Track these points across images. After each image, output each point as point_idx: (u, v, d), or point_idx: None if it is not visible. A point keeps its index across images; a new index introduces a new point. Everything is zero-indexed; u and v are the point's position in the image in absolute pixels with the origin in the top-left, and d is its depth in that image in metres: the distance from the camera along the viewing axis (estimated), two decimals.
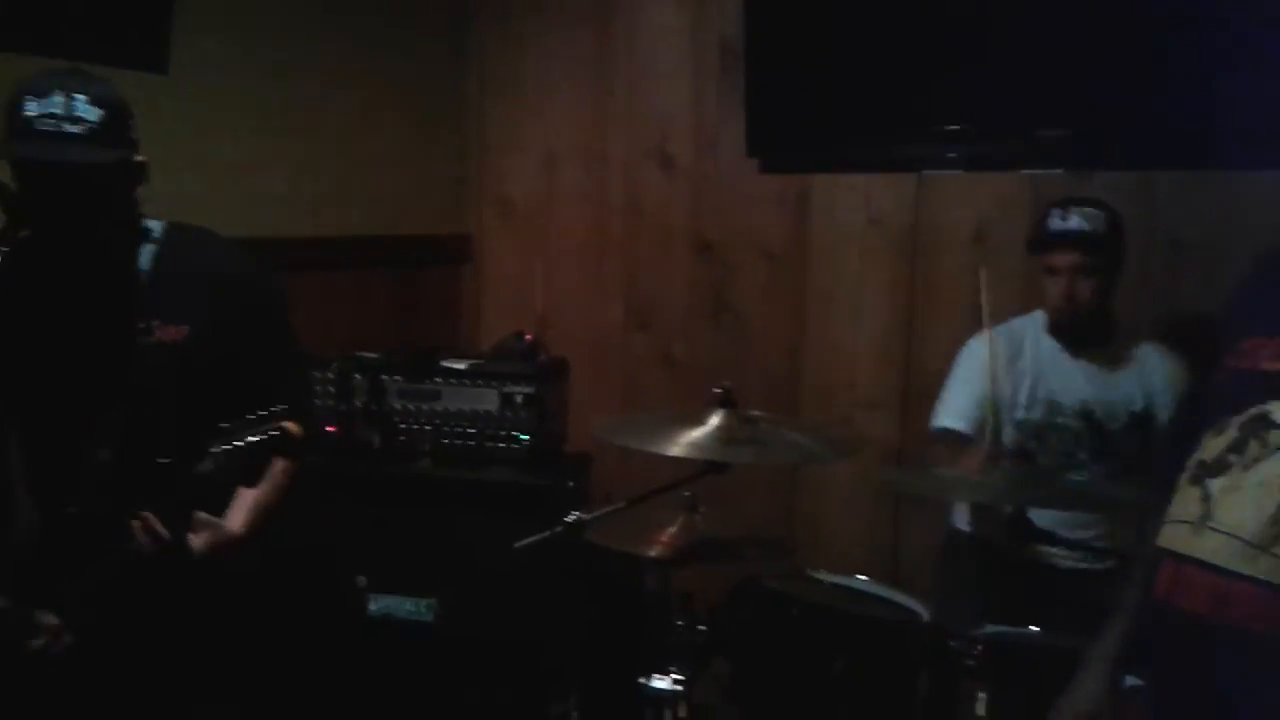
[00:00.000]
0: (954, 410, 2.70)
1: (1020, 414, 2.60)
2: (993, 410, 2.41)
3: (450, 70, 3.85)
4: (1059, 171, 2.96)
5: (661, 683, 2.22)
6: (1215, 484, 1.21)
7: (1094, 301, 2.54)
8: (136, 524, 1.76)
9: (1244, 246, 1.46)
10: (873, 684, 2.10)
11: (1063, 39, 2.79)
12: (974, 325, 3.01)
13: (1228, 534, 1.17)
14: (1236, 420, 1.22)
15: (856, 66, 3.15)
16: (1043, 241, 2.59)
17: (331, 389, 3.08)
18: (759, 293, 3.46)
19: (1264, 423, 1.19)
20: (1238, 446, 1.20)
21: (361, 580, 3.00)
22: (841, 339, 3.33)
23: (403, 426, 3.09)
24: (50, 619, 1.77)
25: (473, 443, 3.07)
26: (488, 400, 3.08)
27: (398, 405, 3.10)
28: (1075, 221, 2.53)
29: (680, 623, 2.29)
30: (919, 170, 3.18)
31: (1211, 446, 1.24)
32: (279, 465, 1.95)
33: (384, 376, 3.11)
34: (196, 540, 1.83)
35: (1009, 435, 2.47)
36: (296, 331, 2.11)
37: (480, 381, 3.08)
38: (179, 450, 1.78)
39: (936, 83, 3.02)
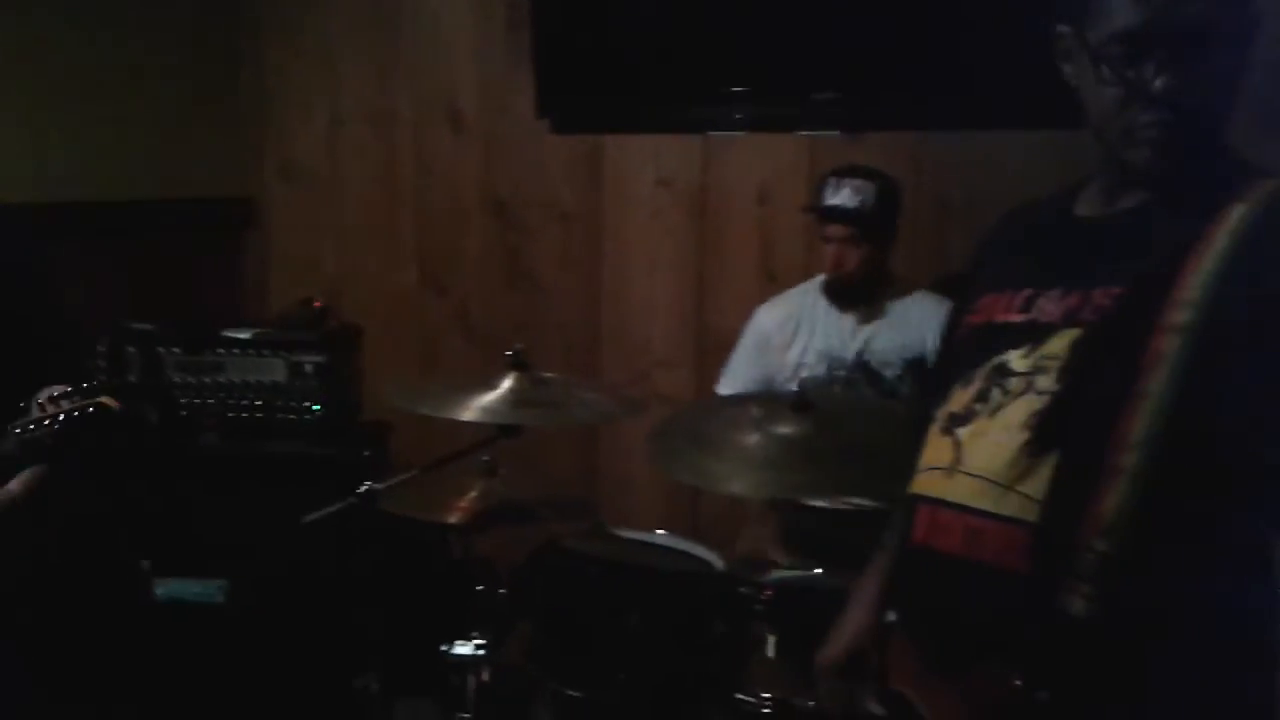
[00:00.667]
0: (735, 380, 2.86)
1: (804, 371, 2.72)
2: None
3: (225, 24, 3.63)
4: (835, 133, 3.08)
5: (464, 648, 2.22)
6: (963, 431, 1.30)
7: (863, 269, 2.68)
8: None
9: (1004, 206, 1.56)
10: (668, 634, 2.16)
11: (834, 3, 2.91)
12: (763, 284, 3.14)
13: (977, 476, 1.26)
14: (979, 372, 1.30)
15: (643, 27, 3.17)
16: (816, 211, 2.71)
17: (102, 363, 2.89)
18: (555, 254, 3.46)
19: (1003, 371, 1.28)
20: (982, 395, 1.29)
21: (145, 564, 2.85)
22: (636, 299, 3.38)
23: (184, 401, 2.94)
24: None
25: (261, 415, 2.97)
26: (275, 370, 2.97)
27: (177, 379, 2.95)
28: (845, 195, 2.65)
29: (481, 587, 2.29)
30: (705, 131, 3.24)
31: (959, 399, 1.32)
32: None
33: (160, 349, 2.95)
34: None
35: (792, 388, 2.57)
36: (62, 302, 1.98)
37: (266, 351, 2.97)
38: None
39: (720, 45, 3.08)
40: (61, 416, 1.63)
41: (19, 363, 1.84)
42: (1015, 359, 1.27)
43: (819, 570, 2.19)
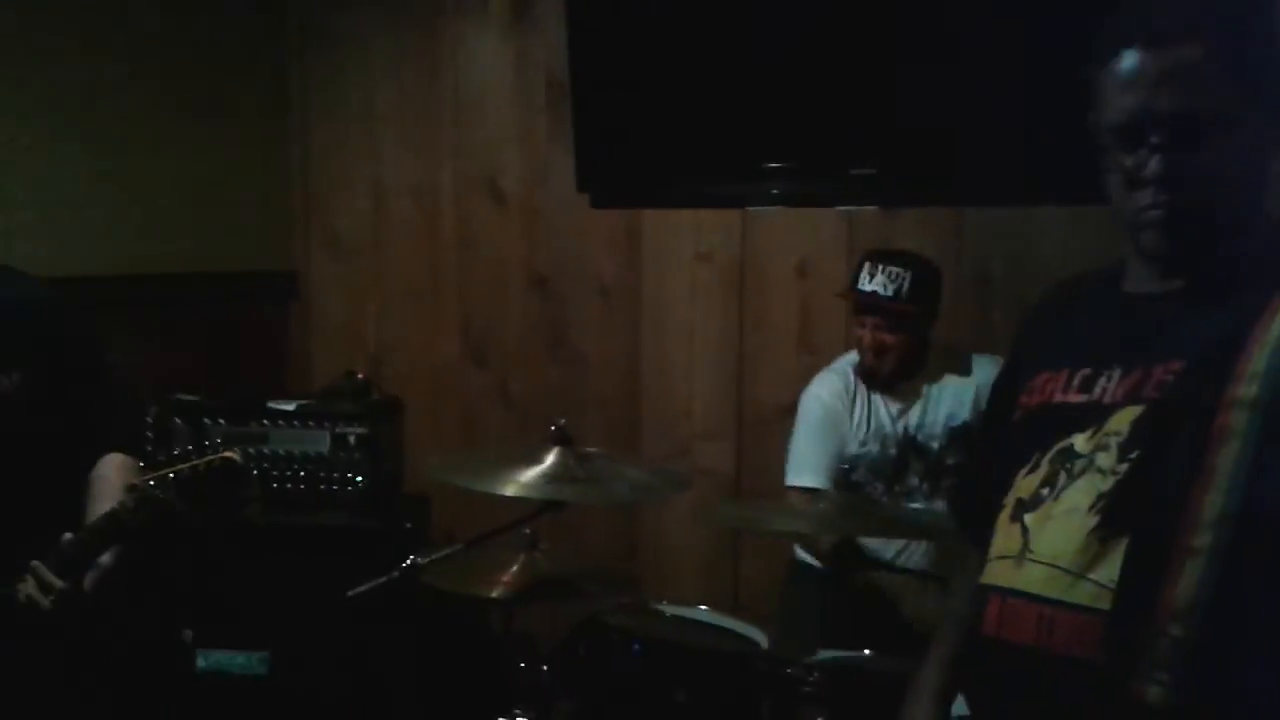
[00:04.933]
0: (809, 467, 2.72)
1: (857, 449, 2.70)
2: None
3: (273, 102, 3.74)
4: (873, 208, 3.10)
5: None
6: (1030, 518, 1.28)
7: (895, 355, 2.66)
8: (30, 580, 1.67)
9: (1045, 279, 1.56)
10: (716, 714, 2.13)
11: (873, 80, 2.94)
12: (803, 357, 3.15)
13: (1047, 564, 1.23)
14: (1044, 457, 1.29)
15: (681, 103, 3.21)
16: (850, 295, 2.71)
17: (149, 434, 2.92)
18: (595, 327, 3.48)
19: (1069, 454, 1.26)
20: (1049, 481, 1.28)
21: (188, 634, 2.85)
22: (677, 372, 3.39)
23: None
24: None
25: (304, 486, 2.98)
26: (319, 442, 3.00)
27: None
28: (879, 282, 2.63)
29: (523, 664, 2.27)
30: (743, 206, 3.27)
31: (1025, 485, 1.31)
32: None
33: (206, 420, 2.99)
34: (87, 581, 1.74)
35: (840, 469, 2.56)
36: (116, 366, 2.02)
37: (310, 422, 3.00)
38: (43, 497, 1.73)
39: (758, 121, 3.12)
40: (188, 472, 1.65)
41: (77, 435, 1.87)
42: (1080, 442, 1.25)
43: (867, 651, 2.16)
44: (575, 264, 3.49)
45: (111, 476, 1.77)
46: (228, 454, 1.69)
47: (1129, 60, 1.22)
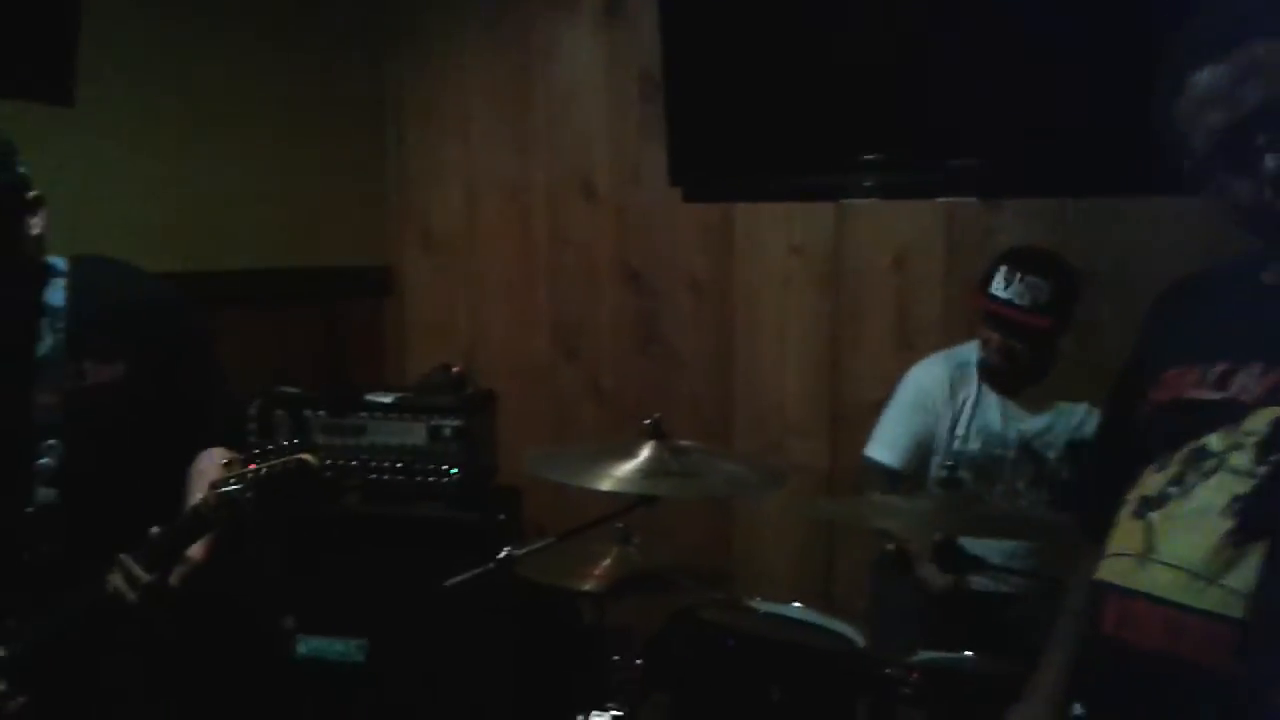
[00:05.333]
0: (887, 442, 2.71)
1: (958, 445, 2.64)
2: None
3: (369, 101, 3.81)
4: (973, 200, 3.04)
5: (600, 718, 2.20)
6: (1156, 516, 1.23)
7: (1024, 363, 2.56)
8: (118, 572, 1.71)
9: (1155, 274, 1.50)
10: (810, 713, 2.11)
11: (973, 70, 2.87)
12: (899, 352, 3.09)
13: (1175, 566, 1.19)
14: (1175, 455, 1.24)
15: (775, 96, 3.20)
16: (983, 299, 2.56)
17: (253, 425, 3.01)
18: (687, 321, 3.48)
19: (1201, 453, 1.22)
20: (1177, 479, 1.23)
21: (289, 621, 2.92)
22: (769, 366, 3.36)
23: (328, 462, 3.03)
24: None
25: (401, 477, 3.03)
26: (415, 434, 3.04)
27: (322, 441, 3.04)
28: (1016, 290, 2.48)
29: (616, 657, 2.28)
30: (837, 199, 3.23)
31: (1152, 482, 1.26)
32: None
33: (307, 412, 3.05)
34: (174, 576, 1.76)
35: (943, 465, 2.50)
36: (221, 361, 2.07)
37: (407, 415, 3.04)
38: (149, 490, 1.77)
39: (853, 113, 3.08)
40: (264, 471, 1.69)
41: (179, 428, 1.92)
42: (1214, 440, 1.21)
43: (969, 653, 2.11)
44: (667, 258, 3.49)
45: (207, 471, 1.81)
46: (304, 456, 1.72)
47: (1205, 76, 1.22)
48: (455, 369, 3.31)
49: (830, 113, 3.12)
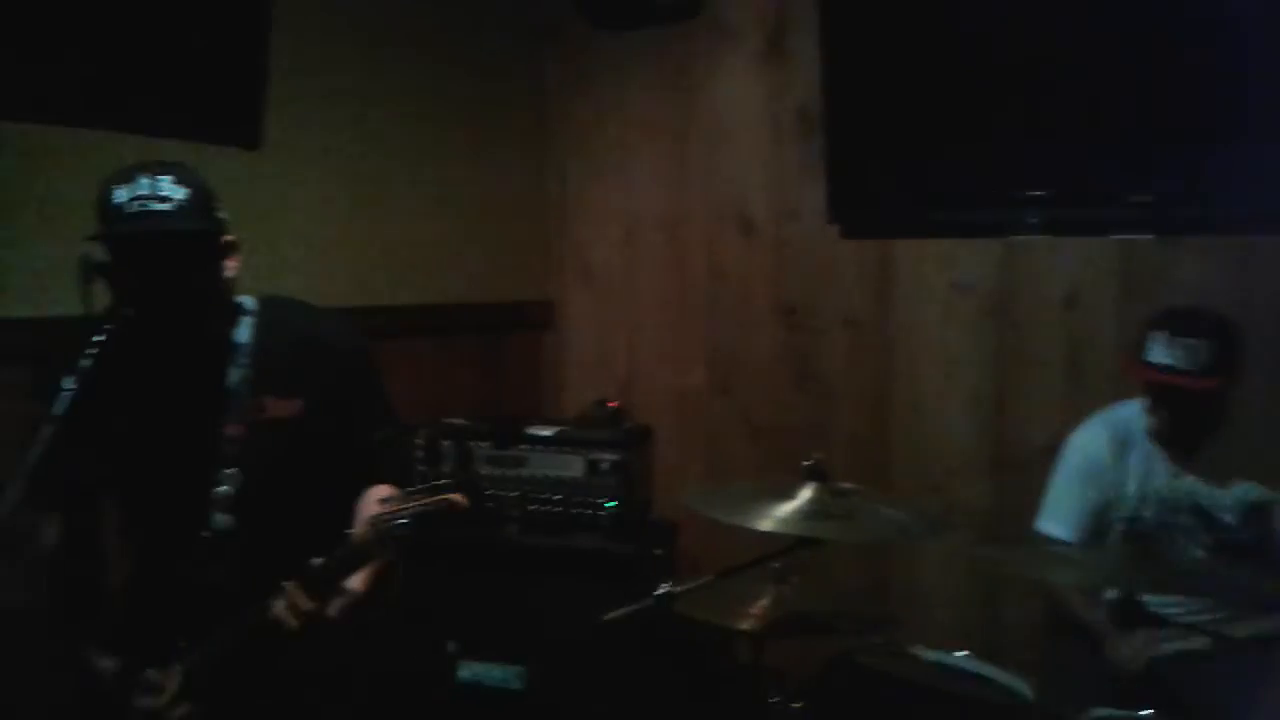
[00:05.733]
0: (1059, 516, 2.58)
1: (1130, 511, 2.51)
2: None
3: (534, 140, 3.92)
4: (1149, 237, 2.91)
5: None
6: None
7: (1194, 428, 2.44)
8: (281, 600, 1.79)
9: None
10: None
11: (1150, 102, 2.76)
12: (1071, 395, 2.97)
13: None
14: None
15: (937, 131, 3.15)
16: (1141, 368, 2.45)
17: (420, 455, 3.12)
18: (843, 358, 3.44)
19: None
20: None
21: (452, 646, 3.00)
22: (931, 407, 3.29)
23: (490, 493, 3.11)
24: (161, 678, 1.81)
25: (559, 509, 3.09)
26: (574, 467, 3.10)
27: (485, 471, 3.13)
28: (1175, 355, 2.36)
29: (774, 699, 2.25)
30: (1004, 235, 3.14)
31: None
32: None
33: (472, 443, 3.15)
34: (333, 607, 1.84)
35: (1120, 520, 2.40)
36: (390, 397, 2.14)
37: (566, 448, 3.10)
38: (317, 520, 1.84)
39: (1019, 147, 3.01)
40: (415, 511, 1.75)
41: (348, 463, 2.00)
42: None
43: (1147, 712, 2.00)
44: (824, 295, 3.46)
45: (368, 507, 1.88)
46: (455, 496, 1.78)
47: None
48: (612, 403, 3.35)
49: (996, 147, 3.05)
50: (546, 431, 3.14)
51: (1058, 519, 2.58)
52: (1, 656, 1.58)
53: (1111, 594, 2.39)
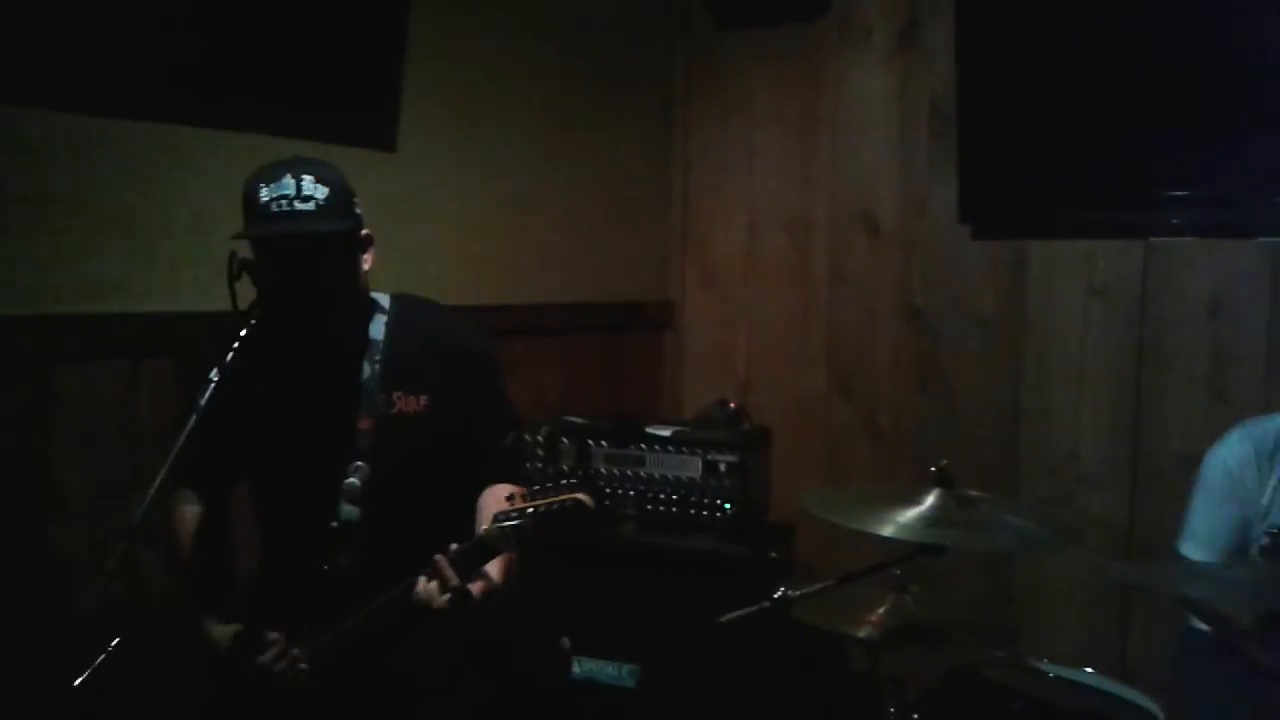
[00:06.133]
0: (1202, 539, 2.41)
1: (1273, 525, 2.37)
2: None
3: (659, 140, 3.94)
4: None
5: None
6: None
7: None
8: (429, 574, 1.81)
9: None
10: None
11: None
12: (1213, 405, 2.84)
13: None
14: None
15: (1074, 128, 3.04)
16: None
17: (540, 452, 3.16)
18: (971, 362, 3.35)
19: None
20: None
21: (566, 642, 3.03)
22: (1062, 413, 3.18)
23: (608, 491, 3.14)
24: (278, 636, 1.88)
25: (676, 509, 3.09)
26: (691, 467, 3.09)
27: (603, 470, 3.15)
28: None
29: (892, 709, 2.21)
30: (1145, 237, 3.02)
31: None
32: None
33: (590, 441, 3.17)
34: (475, 588, 1.86)
35: (1266, 533, 2.27)
36: (511, 398, 2.18)
37: (684, 449, 3.10)
38: (440, 514, 1.90)
39: (1161, 145, 2.89)
40: (543, 509, 1.78)
41: (474, 458, 2.04)
42: None
43: None
44: (951, 297, 3.38)
45: (492, 504, 1.90)
46: (580, 496, 1.78)
47: None
48: (731, 404, 3.34)
49: (1136, 146, 2.93)
50: (664, 431, 3.14)
51: (1201, 544, 2.42)
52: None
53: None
